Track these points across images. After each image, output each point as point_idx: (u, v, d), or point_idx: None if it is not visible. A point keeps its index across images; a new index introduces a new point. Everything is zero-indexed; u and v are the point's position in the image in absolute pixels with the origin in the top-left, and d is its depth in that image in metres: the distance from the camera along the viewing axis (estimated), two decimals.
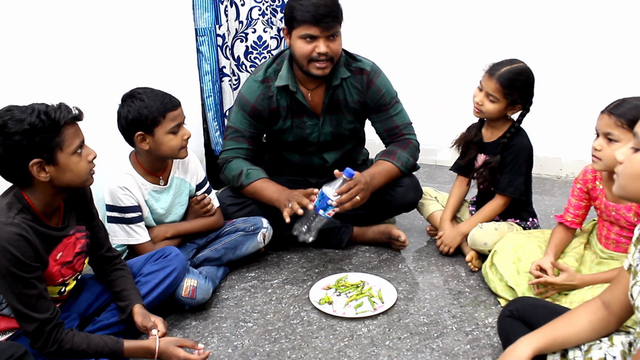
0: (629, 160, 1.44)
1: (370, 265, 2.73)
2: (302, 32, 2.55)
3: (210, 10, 3.30)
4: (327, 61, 2.59)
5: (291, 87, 2.70)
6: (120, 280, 2.18)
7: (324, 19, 2.51)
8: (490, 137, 2.70)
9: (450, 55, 3.72)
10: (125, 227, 2.40)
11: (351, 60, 2.77)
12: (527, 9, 3.51)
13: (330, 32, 2.55)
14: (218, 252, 2.63)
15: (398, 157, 2.76)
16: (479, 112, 2.62)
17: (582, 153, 3.34)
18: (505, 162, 2.62)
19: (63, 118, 1.81)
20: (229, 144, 2.79)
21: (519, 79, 2.52)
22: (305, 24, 2.53)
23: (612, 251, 2.26)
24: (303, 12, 2.52)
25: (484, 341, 2.19)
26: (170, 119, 2.34)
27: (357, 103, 2.79)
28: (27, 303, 1.80)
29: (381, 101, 2.79)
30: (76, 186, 1.93)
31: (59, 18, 2.54)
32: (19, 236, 1.77)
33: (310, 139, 2.83)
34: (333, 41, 2.57)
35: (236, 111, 2.78)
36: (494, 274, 2.44)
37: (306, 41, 2.56)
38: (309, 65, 2.60)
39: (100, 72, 2.72)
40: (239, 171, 2.72)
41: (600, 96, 2.40)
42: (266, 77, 2.74)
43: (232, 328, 2.32)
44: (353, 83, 2.76)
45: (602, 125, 2.07)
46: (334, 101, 2.77)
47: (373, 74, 2.77)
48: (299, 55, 2.60)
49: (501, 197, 2.66)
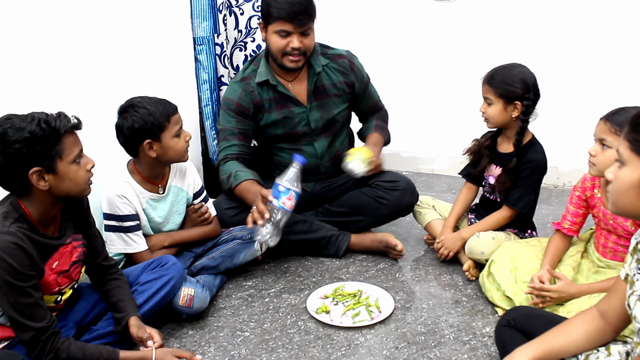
0: (615, 178, 1.45)
1: (367, 275, 2.73)
2: (277, 27, 2.69)
3: (208, 19, 3.31)
4: (300, 55, 2.73)
5: (271, 80, 2.81)
6: (117, 291, 2.17)
7: (298, 17, 2.65)
8: (506, 148, 2.67)
9: (448, 65, 3.73)
10: (122, 235, 2.40)
11: (326, 49, 2.92)
12: (526, 18, 3.53)
13: (304, 28, 2.69)
14: (215, 261, 2.62)
15: (387, 134, 3.05)
16: (486, 121, 2.62)
17: (579, 162, 3.31)
18: (520, 176, 2.59)
19: (63, 127, 1.82)
20: (221, 145, 2.86)
21: (506, 74, 2.53)
22: (280, 20, 2.67)
23: (609, 260, 2.26)
24: (278, 9, 2.66)
25: (481, 350, 2.18)
26: (174, 122, 2.37)
27: (343, 84, 2.92)
28: (23, 312, 1.80)
29: (363, 81, 2.97)
30: (74, 195, 1.93)
31: (58, 26, 2.54)
32: (15, 245, 1.77)
33: (300, 128, 2.89)
34: (306, 37, 2.72)
35: (222, 113, 2.88)
36: (491, 283, 2.44)
37: (280, 36, 2.70)
38: (282, 58, 2.74)
39: (98, 81, 2.72)
40: (229, 174, 2.75)
41: (598, 105, 2.40)
42: (244, 77, 2.86)
43: (229, 337, 2.31)
44: (334, 67, 2.90)
45: (598, 131, 2.09)
46: (318, 87, 2.88)
47: (351, 57, 2.94)
48: (273, 48, 2.74)
49: (508, 210, 2.64)
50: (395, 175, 2.91)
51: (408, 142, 3.86)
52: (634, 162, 1.41)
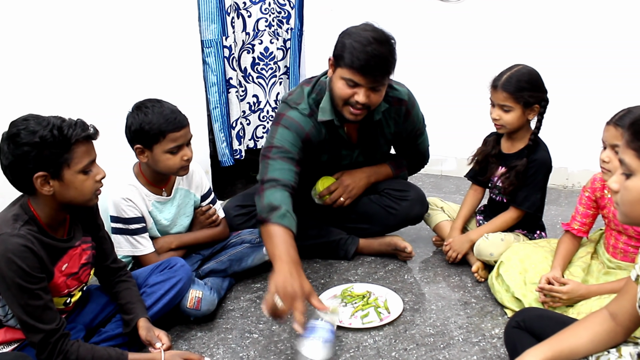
0: (625, 188, 1.43)
1: (376, 276, 2.72)
2: (346, 74, 2.36)
3: (216, 21, 3.31)
4: (362, 109, 2.43)
5: (336, 122, 2.55)
6: (126, 293, 2.18)
7: (374, 73, 2.33)
8: (510, 148, 2.66)
9: (456, 67, 3.72)
10: (129, 238, 2.41)
11: (388, 89, 2.57)
12: (534, 18, 3.52)
13: (376, 84, 2.38)
14: (223, 264, 2.62)
15: (402, 174, 2.90)
16: (501, 127, 2.58)
17: (588, 162, 3.33)
18: (526, 176, 2.58)
19: (75, 135, 1.81)
20: (275, 163, 2.45)
21: (522, 78, 2.50)
22: (352, 70, 2.33)
23: (619, 261, 2.25)
24: (353, 57, 2.31)
25: (490, 352, 2.17)
26: (170, 140, 2.31)
27: (393, 134, 2.75)
28: (33, 314, 1.81)
29: (414, 132, 2.81)
30: (79, 204, 1.93)
31: (67, 30, 2.56)
32: (25, 247, 1.78)
33: (343, 163, 2.80)
34: (375, 92, 2.41)
35: (286, 133, 2.52)
36: (501, 284, 2.43)
37: (347, 84, 2.38)
38: (343, 108, 2.45)
39: (107, 83, 2.74)
40: (278, 206, 2.30)
41: (606, 105, 2.39)
42: (311, 110, 2.57)
43: (237, 339, 2.31)
44: (391, 114, 2.66)
45: (609, 137, 2.06)
46: (370, 132, 2.71)
47: (410, 104, 2.69)
48: (336, 94, 2.44)
49: (515, 211, 2.64)
50: (405, 184, 2.88)
51: None
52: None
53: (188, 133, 2.37)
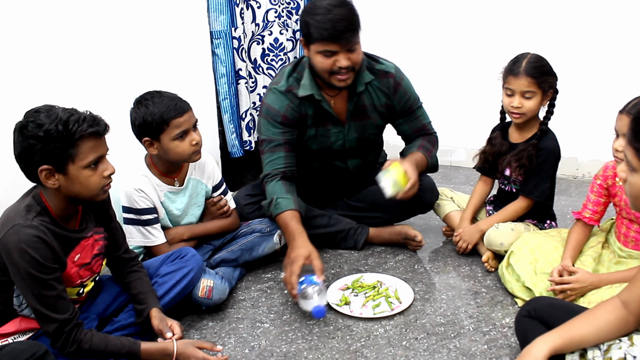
0: (628, 183, 1.47)
1: (386, 266, 2.73)
2: (320, 47, 2.45)
3: (225, 12, 3.31)
4: (349, 72, 2.51)
5: (316, 96, 2.62)
6: (137, 283, 2.19)
7: (343, 35, 2.40)
8: (519, 138, 2.65)
9: (466, 56, 3.70)
10: (141, 228, 2.42)
11: (373, 63, 2.68)
12: (545, 7, 3.49)
13: (350, 45, 2.45)
14: (234, 254, 2.64)
15: (432, 156, 2.78)
16: (521, 116, 2.55)
17: (598, 152, 3.31)
18: (535, 164, 2.58)
19: (80, 131, 1.79)
20: (266, 158, 2.67)
21: (542, 63, 2.51)
22: (323, 41, 2.42)
23: (631, 249, 2.24)
24: (320, 29, 2.40)
25: (501, 341, 2.18)
26: (174, 126, 2.32)
27: (385, 106, 2.73)
28: (47, 304, 1.83)
29: (408, 104, 2.75)
30: (85, 199, 1.92)
31: (77, 21, 2.57)
32: (38, 238, 1.79)
33: (335, 147, 2.78)
34: (353, 52, 2.47)
35: (265, 123, 2.67)
36: (511, 274, 2.43)
37: (325, 56, 2.46)
38: (330, 78, 2.52)
39: (116, 75, 2.75)
40: (270, 200, 2.59)
41: (616, 95, 2.38)
42: (289, 87, 2.65)
43: (248, 329, 2.33)
44: (378, 86, 2.68)
45: (622, 126, 2.05)
46: (359, 107, 2.70)
47: (399, 77, 2.71)
48: (319, 69, 2.52)
49: (525, 200, 2.63)
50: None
51: None
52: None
53: (192, 117, 2.38)
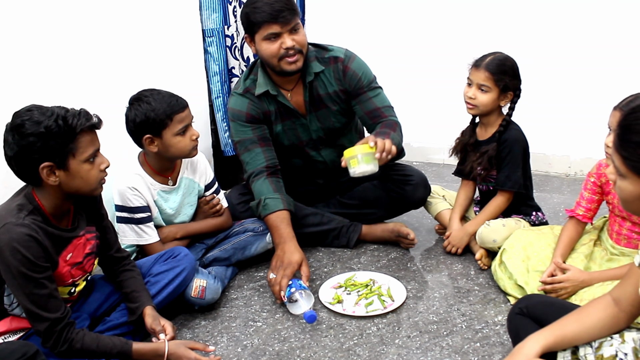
0: (617, 187, 1.49)
1: (379, 264, 2.73)
2: (264, 33, 2.54)
3: (218, 10, 3.31)
4: (296, 54, 2.58)
5: (271, 91, 2.69)
6: (130, 282, 2.19)
7: (282, 14, 2.51)
8: (484, 134, 2.71)
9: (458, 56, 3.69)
10: (134, 227, 2.41)
11: (323, 52, 2.73)
12: (532, 5, 3.50)
13: (291, 25, 2.54)
14: (227, 252, 2.63)
15: (392, 138, 2.47)
16: (473, 107, 2.63)
17: (590, 150, 3.32)
18: (502, 157, 2.63)
19: (80, 125, 1.81)
20: (244, 157, 2.74)
21: (506, 63, 2.58)
22: (265, 24, 2.52)
23: (623, 247, 2.25)
24: (259, 13, 2.52)
25: (493, 339, 2.18)
26: (177, 121, 2.34)
27: (340, 92, 2.74)
28: (38, 303, 1.82)
29: (359, 84, 2.72)
30: (84, 194, 1.94)
31: (69, 20, 2.56)
32: (29, 237, 1.78)
33: (304, 139, 2.82)
34: (297, 33, 2.57)
35: (234, 125, 2.75)
36: (503, 272, 2.43)
37: (271, 41, 2.55)
38: (280, 63, 2.58)
39: (108, 74, 2.74)
40: (258, 201, 2.66)
41: (608, 93, 2.39)
42: (246, 88, 2.73)
43: (241, 327, 2.33)
44: (330, 73, 2.72)
45: (615, 122, 2.06)
46: (315, 97, 2.73)
47: (347, 59, 2.72)
48: (267, 56, 2.59)
49: (503, 193, 2.66)
50: (408, 168, 2.89)
51: (418, 133, 3.84)
52: (633, 178, 1.43)
53: (190, 113, 2.41)
